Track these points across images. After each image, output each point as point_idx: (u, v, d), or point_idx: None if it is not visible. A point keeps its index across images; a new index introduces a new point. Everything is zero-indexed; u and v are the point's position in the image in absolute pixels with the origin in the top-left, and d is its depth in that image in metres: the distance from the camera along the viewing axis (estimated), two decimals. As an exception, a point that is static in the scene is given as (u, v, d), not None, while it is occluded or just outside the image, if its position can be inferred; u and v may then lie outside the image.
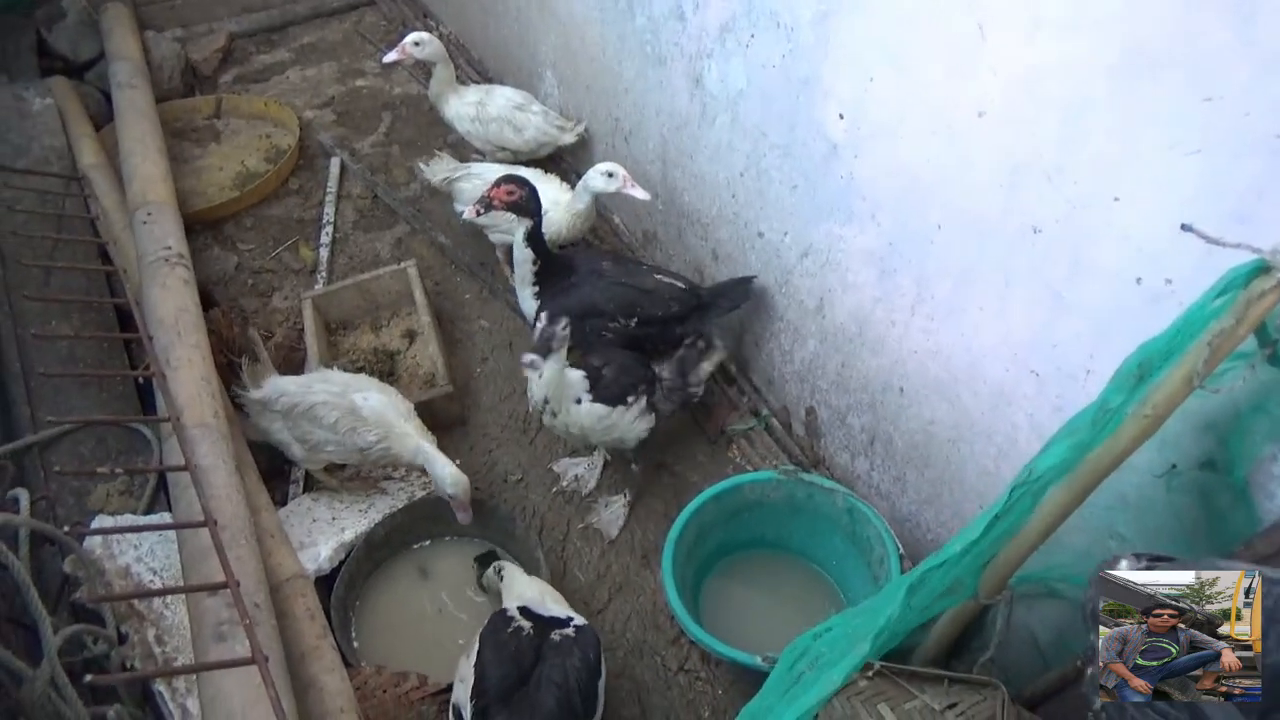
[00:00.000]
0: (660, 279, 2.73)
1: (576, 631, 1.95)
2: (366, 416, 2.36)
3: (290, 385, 2.42)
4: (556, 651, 1.90)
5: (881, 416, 2.37)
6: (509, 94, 3.42)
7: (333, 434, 2.36)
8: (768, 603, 2.37)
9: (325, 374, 2.49)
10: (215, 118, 4.12)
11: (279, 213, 3.66)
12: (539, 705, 1.82)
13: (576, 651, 1.90)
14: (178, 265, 2.62)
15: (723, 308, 2.71)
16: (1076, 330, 1.76)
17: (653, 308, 2.67)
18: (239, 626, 1.60)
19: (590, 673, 1.89)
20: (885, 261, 2.18)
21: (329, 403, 2.36)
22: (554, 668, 1.86)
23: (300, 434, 2.39)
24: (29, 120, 3.54)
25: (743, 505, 2.33)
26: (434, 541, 2.54)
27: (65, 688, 1.61)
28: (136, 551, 2.16)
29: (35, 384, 2.55)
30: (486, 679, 1.85)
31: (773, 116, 2.39)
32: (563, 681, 1.84)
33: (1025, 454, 1.96)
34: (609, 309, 2.64)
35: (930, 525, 2.32)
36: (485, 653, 1.91)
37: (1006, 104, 1.74)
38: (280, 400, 2.39)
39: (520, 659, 1.89)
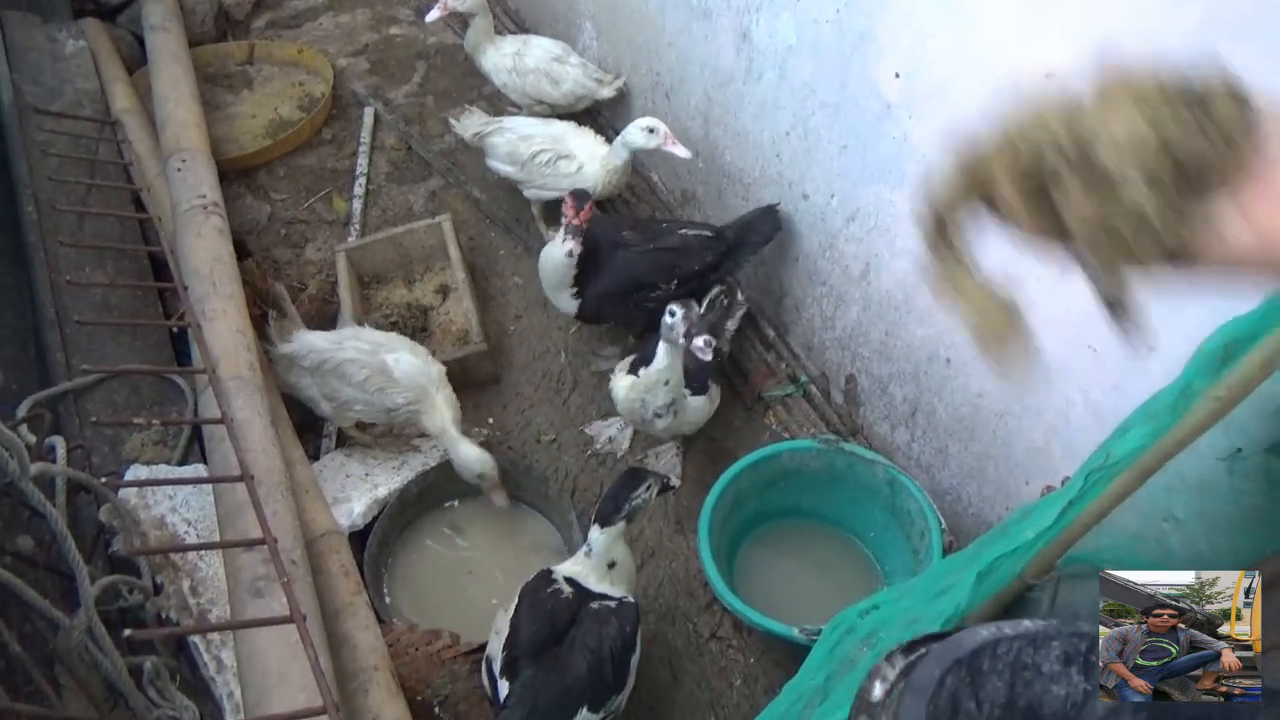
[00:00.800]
0: (685, 233, 2.67)
1: (619, 604, 1.93)
2: (398, 378, 2.34)
3: (320, 341, 2.39)
4: (594, 618, 1.88)
5: (925, 387, 2.31)
6: (547, 45, 3.34)
7: (361, 393, 2.33)
8: (803, 572, 2.34)
9: (357, 331, 2.46)
10: (248, 64, 4.06)
11: (312, 162, 3.61)
12: (570, 666, 1.81)
13: (614, 622, 1.88)
14: (212, 214, 2.59)
15: (755, 244, 2.64)
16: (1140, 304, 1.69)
17: (689, 263, 2.61)
18: (275, 583, 1.59)
19: (625, 645, 1.87)
20: (937, 228, 2.10)
21: (358, 360, 2.33)
22: (589, 633, 1.85)
23: (328, 391, 2.37)
24: (62, 63, 3.50)
25: (781, 473, 2.30)
26: (465, 501, 2.52)
27: (103, 639, 1.60)
28: (171, 502, 2.15)
29: (70, 331, 2.53)
30: (519, 633, 1.86)
31: (823, 73, 2.30)
32: (596, 648, 1.83)
33: (1078, 431, 1.91)
34: (648, 279, 2.58)
35: (972, 500, 2.27)
36: (522, 608, 1.91)
37: (1076, 65, 1.65)
38: (309, 356, 2.36)
39: (555, 619, 1.88)
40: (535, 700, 1.77)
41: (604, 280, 2.58)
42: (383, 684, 1.78)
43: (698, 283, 2.65)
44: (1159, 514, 1.75)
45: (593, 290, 2.59)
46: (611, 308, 2.63)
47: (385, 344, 2.40)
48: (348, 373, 2.33)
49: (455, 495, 2.51)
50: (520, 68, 3.28)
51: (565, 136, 3.04)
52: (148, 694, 1.68)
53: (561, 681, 1.79)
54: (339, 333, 2.47)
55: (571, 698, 1.80)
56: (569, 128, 3.07)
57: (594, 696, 1.82)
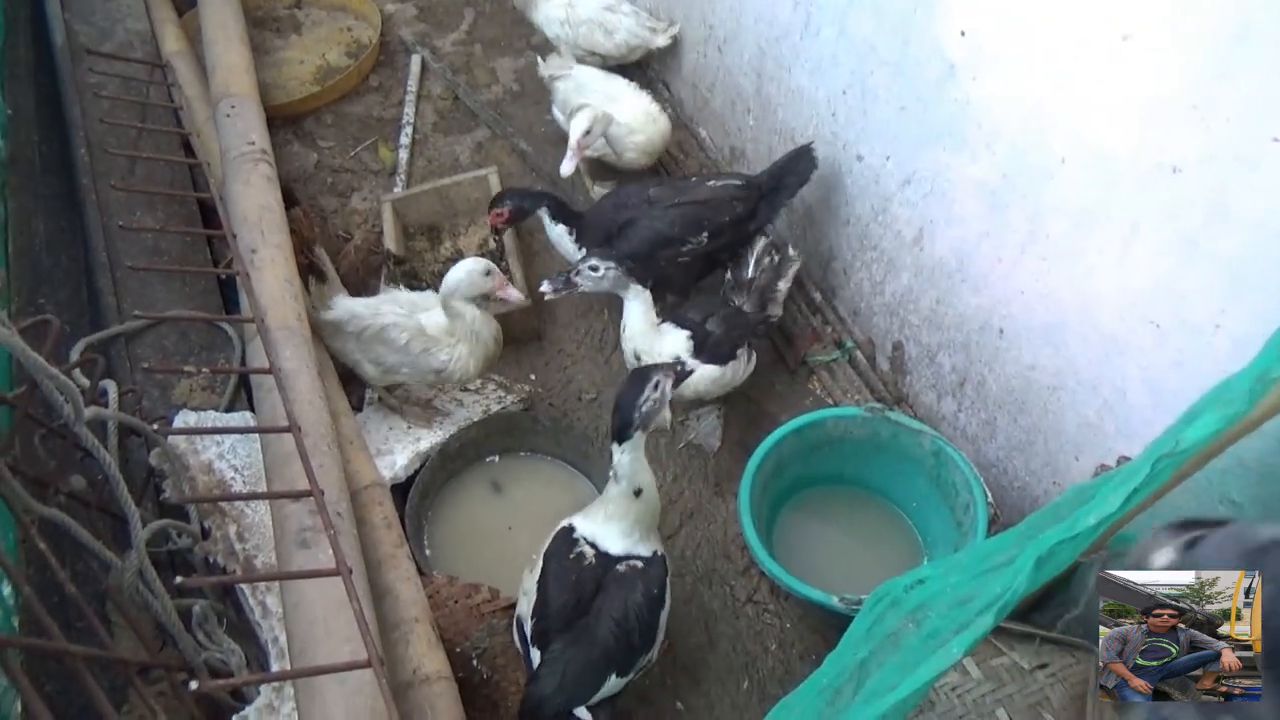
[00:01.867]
0: (714, 184, 2.61)
1: (646, 564, 1.89)
2: (436, 336, 2.33)
3: (359, 307, 2.37)
4: (619, 584, 1.85)
5: (976, 358, 2.27)
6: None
7: (405, 356, 2.32)
8: (843, 540, 2.32)
9: (394, 294, 2.43)
10: (296, 8, 4.03)
11: (359, 110, 3.59)
12: (597, 640, 1.81)
13: (640, 585, 1.84)
14: (261, 161, 2.59)
15: (790, 187, 2.58)
16: (1208, 281, 1.63)
17: (718, 215, 2.56)
18: (321, 534, 1.61)
19: (651, 606, 1.85)
20: (997, 195, 2.04)
21: (398, 324, 2.32)
22: (614, 602, 1.83)
23: (373, 356, 2.36)
24: (113, 3, 3.49)
25: (824, 440, 2.27)
26: (506, 457, 2.53)
27: (153, 581, 1.64)
28: (219, 448, 2.18)
29: (121, 275, 2.56)
30: (548, 604, 1.84)
31: (885, 30, 2.23)
32: (621, 618, 1.81)
33: (1135, 408, 1.87)
34: (675, 233, 2.55)
35: (1019, 473, 2.23)
36: (548, 575, 1.88)
37: (1157, 28, 1.58)
38: (351, 322, 2.34)
39: (581, 589, 1.85)
40: (564, 671, 1.78)
41: (630, 241, 2.56)
42: (423, 635, 1.81)
43: (732, 234, 2.60)
44: (1215, 496, 1.71)
45: (619, 252, 2.53)
46: (641, 269, 2.56)
47: (419, 303, 2.39)
48: (390, 338, 2.32)
49: (497, 450, 2.52)
50: (573, 19, 3.22)
51: (620, 96, 2.99)
52: (196, 636, 1.72)
53: (589, 654, 1.80)
54: (377, 298, 2.43)
55: (599, 667, 1.80)
56: (627, 87, 3.03)
57: (622, 661, 1.83)
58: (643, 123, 2.96)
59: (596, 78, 3.08)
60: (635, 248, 2.54)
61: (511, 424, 2.50)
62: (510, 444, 2.52)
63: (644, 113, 2.97)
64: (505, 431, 2.50)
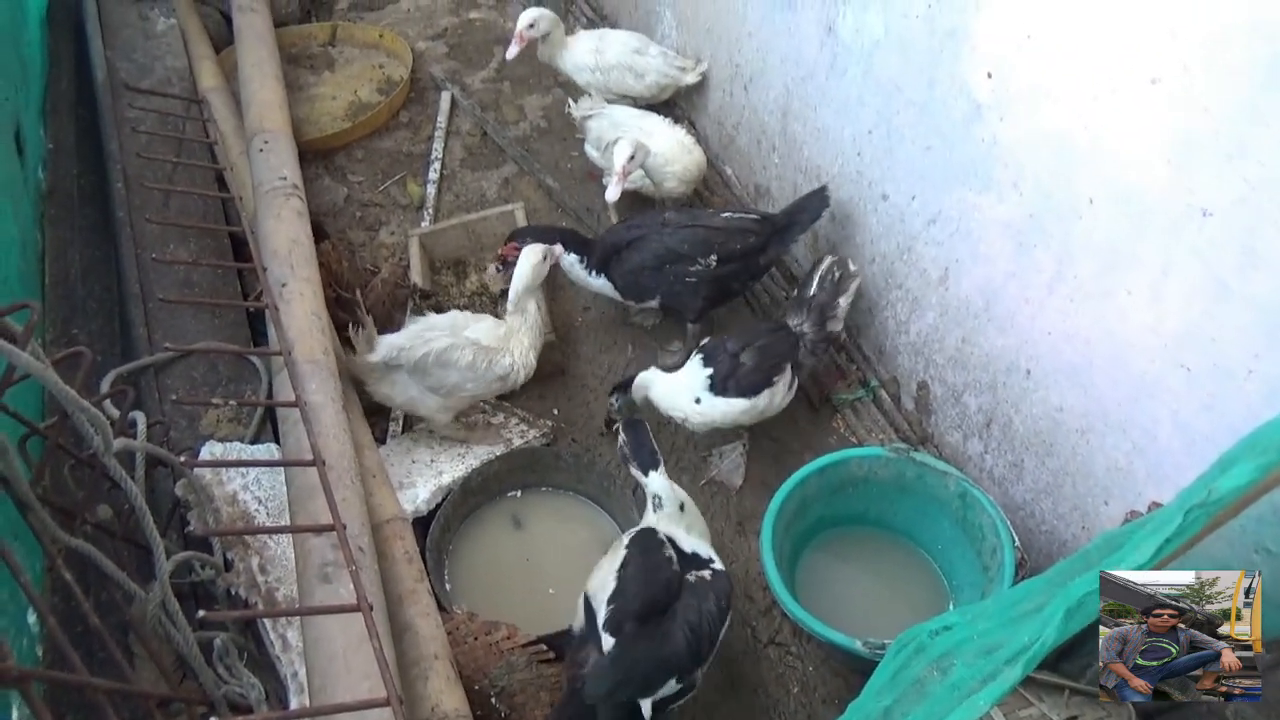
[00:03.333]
0: (729, 215, 2.71)
1: (713, 575, 1.97)
2: (492, 345, 2.37)
3: (403, 340, 2.37)
4: (693, 593, 1.91)
5: (1002, 398, 2.25)
6: (624, 38, 3.31)
7: (471, 372, 2.35)
8: (867, 582, 2.29)
9: (426, 321, 2.45)
10: (330, 45, 4.11)
11: (389, 145, 3.65)
12: (670, 639, 1.85)
13: (712, 596, 1.91)
14: (292, 196, 2.63)
15: (803, 224, 2.67)
16: (1241, 325, 1.61)
17: (730, 242, 2.62)
18: (343, 569, 1.61)
19: (720, 617, 1.92)
20: (1024, 235, 2.03)
21: (455, 344, 2.34)
22: (690, 609, 1.88)
23: (433, 382, 2.36)
24: (153, 40, 3.59)
25: (848, 480, 2.25)
26: (527, 492, 2.52)
27: (176, 613, 1.64)
28: (243, 480, 2.20)
29: (152, 306, 2.60)
30: (628, 594, 1.88)
31: (911, 71, 2.24)
32: (696, 624, 1.86)
33: (1165, 452, 1.84)
34: (685, 250, 2.60)
35: (1046, 517, 2.20)
36: (632, 567, 1.93)
37: (1185, 71, 1.57)
38: (401, 355, 2.33)
39: (669, 587, 1.91)
40: (637, 660, 1.82)
41: (640, 254, 2.65)
42: (442, 673, 1.80)
43: (742, 264, 2.65)
44: (1249, 544, 1.67)
45: (628, 264, 2.66)
46: (649, 280, 2.68)
47: (458, 322, 2.42)
48: (452, 359, 2.33)
49: (518, 486, 2.52)
50: (602, 65, 3.25)
51: (653, 130, 3.03)
52: (217, 670, 1.72)
53: (660, 652, 1.83)
54: (414, 328, 2.43)
55: (667, 666, 1.84)
56: (660, 122, 3.08)
57: (686, 666, 1.86)
58: (678, 153, 3.00)
59: (629, 114, 3.12)
60: (645, 260, 2.63)
61: (534, 459, 2.50)
62: (532, 479, 2.52)
63: (678, 143, 3.02)
64: (527, 467, 2.50)
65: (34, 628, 1.92)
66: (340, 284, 2.82)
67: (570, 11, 4.18)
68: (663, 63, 3.27)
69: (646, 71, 3.25)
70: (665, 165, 2.99)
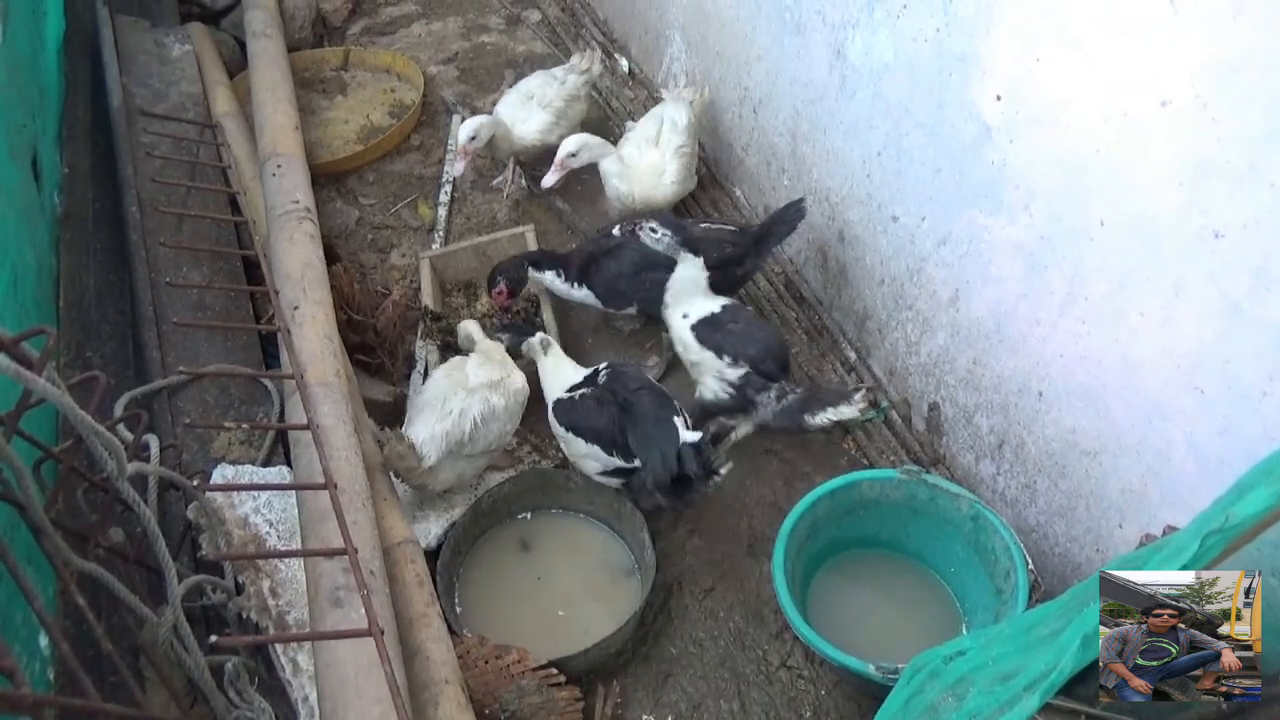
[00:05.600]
0: (708, 226, 2.76)
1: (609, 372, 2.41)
2: (494, 376, 2.41)
3: (436, 430, 2.31)
4: (612, 379, 2.37)
5: (1014, 420, 2.24)
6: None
7: (507, 413, 2.41)
8: (878, 605, 2.28)
9: (427, 391, 2.44)
10: (343, 69, 4.15)
11: (400, 168, 3.67)
12: (644, 409, 2.29)
13: (627, 371, 2.40)
14: (305, 220, 2.65)
15: (779, 234, 2.73)
16: (1255, 347, 1.60)
17: (706, 251, 2.60)
18: (355, 593, 1.60)
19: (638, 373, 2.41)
20: (1035, 256, 2.03)
21: (482, 397, 2.36)
22: (622, 387, 2.34)
23: (481, 446, 2.38)
24: (168, 66, 3.62)
25: (860, 502, 2.24)
26: (537, 514, 2.52)
27: (187, 637, 1.64)
28: (255, 502, 2.20)
29: (166, 329, 2.61)
30: (601, 431, 2.30)
31: (920, 94, 2.25)
32: (638, 385, 2.34)
33: (1179, 475, 1.82)
34: (661, 259, 2.60)
35: (1059, 539, 2.18)
36: (585, 425, 2.33)
37: (1196, 94, 1.58)
38: (449, 439, 2.31)
39: (603, 405, 2.32)
40: (661, 435, 2.24)
41: (618, 262, 2.71)
42: (453, 697, 1.79)
43: (720, 274, 2.64)
44: (1266, 568, 1.66)
45: (606, 273, 2.72)
46: (627, 286, 2.74)
47: (455, 376, 2.42)
48: (493, 412, 2.37)
49: (529, 508, 2.52)
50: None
51: (630, 152, 3.10)
52: (228, 694, 1.72)
53: (659, 413, 2.29)
54: (424, 399, 2.42)
55: (667, 414, 2.28)
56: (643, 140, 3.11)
57: (669, 404, 2.33)
58: (646, 178, 3.03)
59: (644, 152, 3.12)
60: (622, 268, 2.70)
61: (544, 481, 2.50)
62: (542, 501, 2.51)
63: (649, 167, 3.04)
64: (538, 488, 2.50)
65: (46, 651, 1.92)
66: (352, 307, 2.83)
67: (580, 36, 4.21)
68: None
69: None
70: (621, 184, 3.01)
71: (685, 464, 2.20)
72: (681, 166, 3.05)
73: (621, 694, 2.19)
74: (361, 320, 2.81)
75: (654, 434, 2.26)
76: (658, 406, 2.30)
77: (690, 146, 3.08)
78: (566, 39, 4.21)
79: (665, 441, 2.24)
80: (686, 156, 3.06)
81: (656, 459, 2.24)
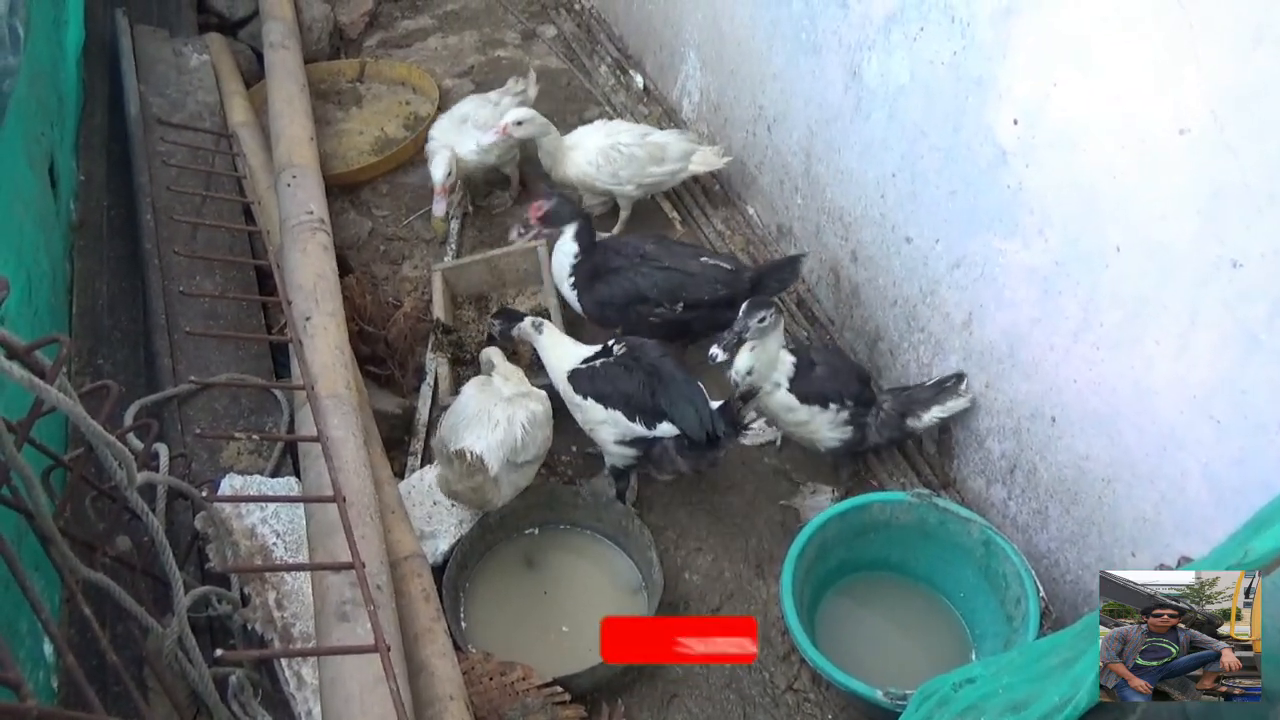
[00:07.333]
0: (706, 261, 2.72)
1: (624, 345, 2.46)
2: (518, 388, 2.43)
3: (495, 437, 2.29)
4: (633, 351, 2.42)
5: (1026, 445, 2.22)
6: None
7: (547, 416, 2.43)
8: (887, 629, 2.26)
9: (455, 412, 2.42)
10: (358, 81, 4.17)
11: (413, 180, 3.68)
12: (670, 371, 2.38)
13: (648, 345, 2.44)
14: (318, 231, 2.65)
15: (771, 289, 2.70)
16: (1273, 377, 1.59)
17: (698, 291, 2.64)
18: (361, 608, 1.60)
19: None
20: (1049, 281, 2.02)
21: (523, 405, 2.38)
22: (647, 357, 2.40)
23: (528, 455, 2.36)
24: (186, 76, 3.65)
25: (869, 525, 2.22)
26: (544, 530, 2.51)
27: (193, 649, 1.63)
28: (262, 513, 2.19)
29: (178, 337, 2.62)
30: (631, 397, 2.37)
31: (936, 116, 2.24)
32: (660, 353, 2.42)
33: (1194, 504, 1.81)
34: (653, 295, 2.64)
35: (1071, 567, 2.16)
36: (614, 392, 2.38)
37: (1215, 122, 1.57)
38: (504, 447, 2.29)
39: (630, 373, 2.39)
40: (691, 394, 2.34)
41: (610, 288, 2.69)
42: (457, 714, 1.78)
43: (708, 313, 2.65)
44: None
45: (597, 295, 2.70)
46: (614, 315, 2.74)
47: (486, 390, 2.42)
48: (537, 419, 2.38)
49: (536, 523, 2.51)
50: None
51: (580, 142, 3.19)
52: (231, 707, 1.71)
53: (680, 374, 2.39)
54: (475, 422, 2.36)
55: (688, 379, 2.37)
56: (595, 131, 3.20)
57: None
58: (587, 168, 3.12)
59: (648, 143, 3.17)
60: (614, 296, 2.68)
61: (552, 496, 2.49)
62: (550, 516, 2.51)
63: (599, 151, 3.10)
64: (546, 504, 2.49)
65: (50, 659, 1.92)
66: (364, 318, 2.84)
67: (595, 52, 4.23)
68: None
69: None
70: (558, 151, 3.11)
71: (716, 421, 2.29)
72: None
73: (626, 713, 2.18)
74: (373, 332, 2.81)
75: (686, 392, 2.35)
76: (683, 370, 2.41)
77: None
78: (582, 54, 4.23)
79: (698, 398, 2.33)
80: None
81: (691, 415, 2.31)
